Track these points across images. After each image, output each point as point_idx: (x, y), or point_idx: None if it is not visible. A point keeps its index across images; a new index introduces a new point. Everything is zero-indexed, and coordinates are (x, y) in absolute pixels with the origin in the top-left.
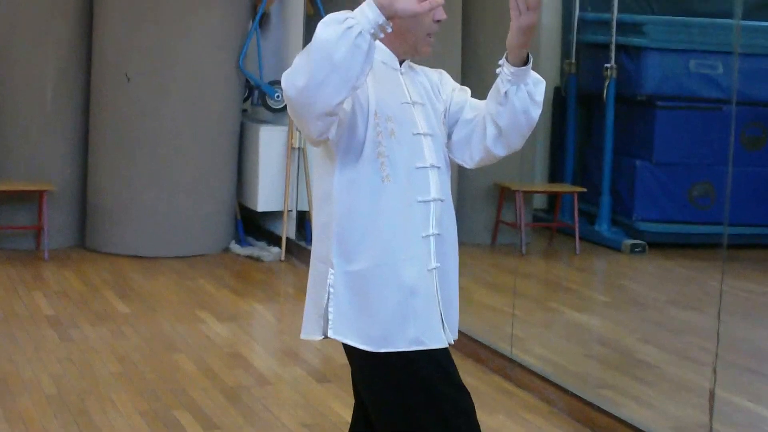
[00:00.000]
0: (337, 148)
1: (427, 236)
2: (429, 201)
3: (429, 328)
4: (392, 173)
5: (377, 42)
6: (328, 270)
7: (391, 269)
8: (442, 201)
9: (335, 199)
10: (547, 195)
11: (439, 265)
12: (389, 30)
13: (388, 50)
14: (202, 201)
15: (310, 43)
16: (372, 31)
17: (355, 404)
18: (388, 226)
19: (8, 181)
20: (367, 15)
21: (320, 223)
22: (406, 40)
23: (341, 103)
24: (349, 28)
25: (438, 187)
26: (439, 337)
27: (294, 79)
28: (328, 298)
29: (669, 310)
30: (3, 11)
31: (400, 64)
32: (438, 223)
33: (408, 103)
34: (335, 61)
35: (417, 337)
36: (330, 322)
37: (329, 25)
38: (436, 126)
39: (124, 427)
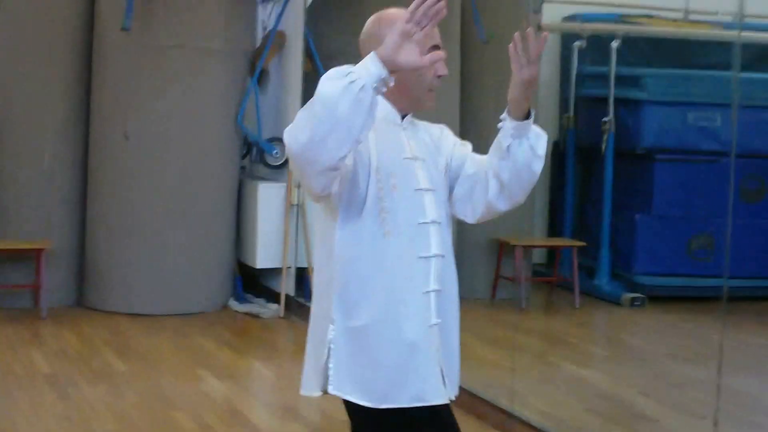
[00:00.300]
0: (338, 204)
1: (428, 292)
2: (430, 257)
3: (430, 384)
4: (394, 229)
5: (379, 97)
6: (328, 325)
7: (392, 325)
8: (443, 257)
9: (337, 255)
10: (546, 249)
11: (440, 321)
12: (391, 84)
13: (389, 105)
14: (200, 258)
15: (312, 98)
16: (375, 85)
17: None
18: (389, 281)
19: (6, 240)
20: (369, 69)
21: (321, 278)
22: (409, 94)
23: (344, 157)
24: (352, 82)
25: (439, 243)
26: (440, 393)
27: (297, 134)
28: (328, 353)
29: (669, 363)
30: (2, 70)
31: (402, 119)
32: (439, 279)
33: (409, 158)
34: (338, 116)
35: (418, 393)
36: (330, 378)
37: (332, 80)
38: (438, 181)
39: None
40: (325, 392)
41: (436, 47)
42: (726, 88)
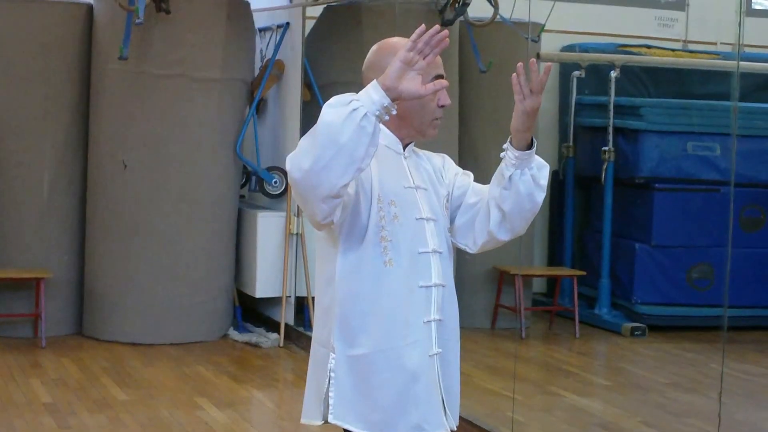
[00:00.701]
0: (340, 232)
1: (429, 322)
2: (431, 286)
3: (430, 414)
4: (395, 257)
5: (381, 126)
6: (329, 354)
7: (393, 354)
8: (443, 286)
9: (337, 283)
10: (546, 279)
11: (440, 351)
12: (394, 112)
13: (392, 134)
14: (199, 287)
15: (315, 125)
16: (377, 113)
17: None
18: (390, 310)
19: (6, 269)
20: (372, 97)
21: (322, 306)
22: (411, 123)
23: (346, 185)
24: (354, 110)
25: (440, 272)
26: (440, 423)
27: (299, 161)
28: (329, 382)
29: (670, 392)
30: (2, 102)
31: (404, 148)
32: (439, 309)
33: (411, 187)
34: (341, 144)
35: (418, 423)
36: (330, 407)
37: (334, 107)
38: (439, 211)
39: None
40: (326, 421)
41: (439, 77)
42: (725, 117)
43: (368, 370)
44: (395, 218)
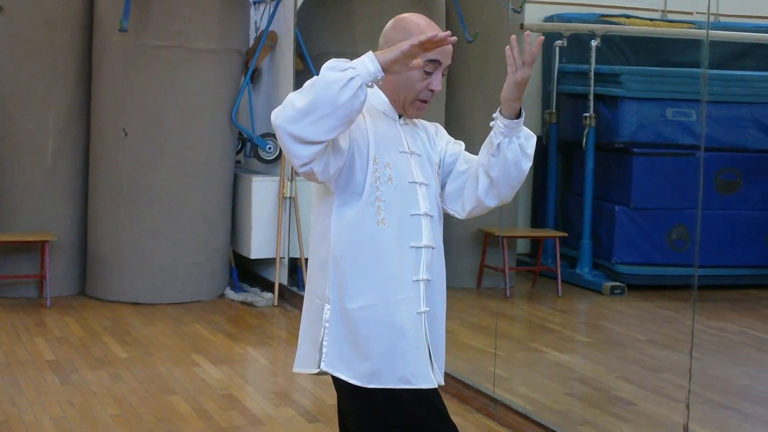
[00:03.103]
0: (335, 188)
1: (417, 281)
2: (421, 247)
3: (417, 369)
4: (387, 217)
5: (380, 93)
6: (324, 305)
7: (383, 310)
8: (433, 248)
9: (332, 238)
10: (530, 240)
11: (428, 309)
12: (380, 82)
13: (389, 102)
14: (197, 249)
15: (309, 85)
16: (369, 84)
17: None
18: (382, 268)
19: (12, 233)
20: (368, 68)
21: (317, 259)
22: (398, 97)
23: (327, 142)
24: (352, 78)
25: (430, 234)
26: (428, 378)
27: (288, 113)
28: (324, 332)
29: (647, 349)
30: (6, 72)
31: (400, 116)
32: (428, 269)
33: (406, 152)
34: (336, 105)
35: (405, 377)
36: (324, 355)
37: (334, 71)
38: (431, 176)
39: None
40: (319, 369)
41: (435, 61)
42: (701, 84)
43: (359, 324)
44: (389, 180)
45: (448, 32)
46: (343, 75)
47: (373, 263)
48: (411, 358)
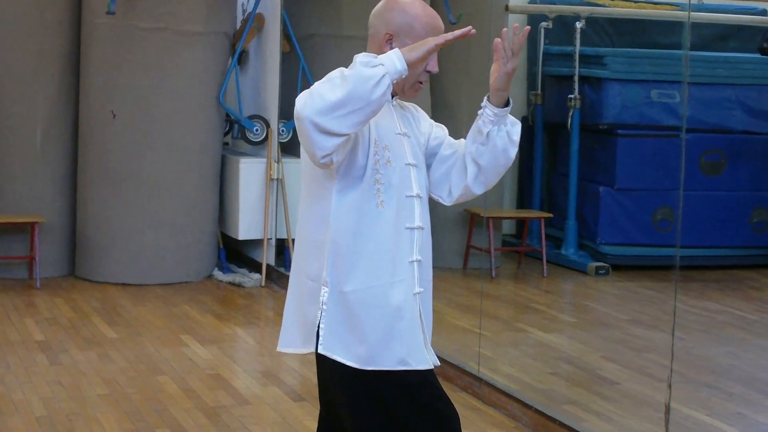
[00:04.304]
0: (337, 172)
1: (412, 262)
2: (414, 228)
3: (414, 350)
4: (386, 200)
5: None
6: (320, 288)
7: (381, 291)
8: (422, 229)
9: (332, 221)
10: (515, 221)
11: (422, 290)
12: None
13: None
14: (185, 230)
15: (341, 76)
16: (395, 80)
17: (320, 415)
18: (380, 250)
19: (2, 214)
20: (396, 66)
21: (312, 240)
22: (398, 80)
23: (350, 135)
24: (383, 76)
25: (420, 215)
26: (424, 359)
27: (318, 103)
28: (321, 315)
29: (631, 328)
30: None
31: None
32: (420, 250)
33: (399, 134)
34: (370, 100)
35: (403, 358)
36: (321, 338)
37: (368, 67)
38: (420, 158)
39: None
40: (316, 350)
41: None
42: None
43: (358, 306)
44: (388, 162)
45: (469, 27)
46: (376, 72)
47: (374, 245)
48: (408, 339)
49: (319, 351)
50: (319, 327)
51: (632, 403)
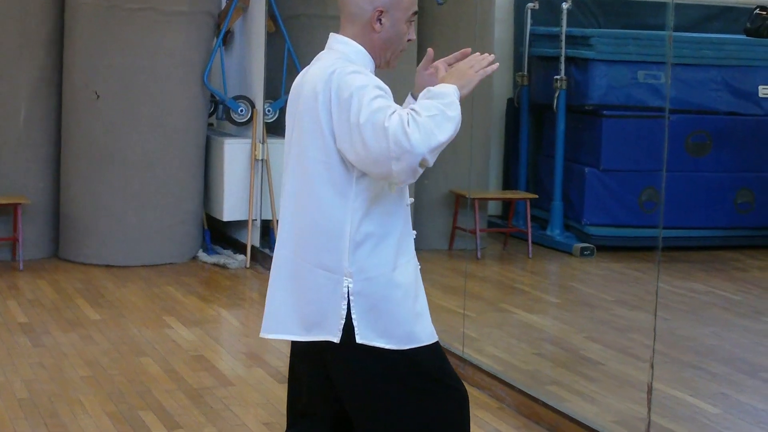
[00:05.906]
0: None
1: (414, 238)
2: (408, 204)
3: (430, 323)
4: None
5: (365, 51)
6: (340, 279)
7: (405, 270)
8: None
9: (350, 207)
10: (501, 202)
11: (420, 265)
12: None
13: (370, 57)
14: (169, 212)
15: (445, 116)
16: None
17: (288, 387)
18: (396, 229)
19: None
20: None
21: (325, 229)
22: (385, 53)
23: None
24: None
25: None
26: (434, 332)
27: (436, 142)
28: (350, 305)
29: (615, 309)
30: None
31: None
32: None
33: None
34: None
35: (432, 331)
36: (356, 329)
37: (455, 109)
38: None
39: (91, 428)
40: (332, 344)
41: (414, 13)
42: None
43: (389, 289)
44: None
45: (493, 56)
46: (459, 112)
47: (390, 226)
48: (426, 312)
49: (358, 341)
50: (349, 318)
51: (615, 384)
